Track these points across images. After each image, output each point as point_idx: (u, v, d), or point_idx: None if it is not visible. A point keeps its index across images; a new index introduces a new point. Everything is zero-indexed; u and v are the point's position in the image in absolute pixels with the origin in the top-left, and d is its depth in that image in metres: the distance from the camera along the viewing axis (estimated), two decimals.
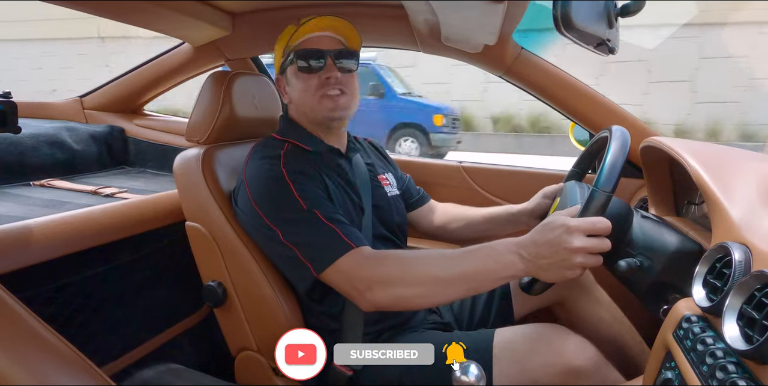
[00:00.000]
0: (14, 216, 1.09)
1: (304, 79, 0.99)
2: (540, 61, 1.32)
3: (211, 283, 1.05)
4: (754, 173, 0.77)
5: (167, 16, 1.28)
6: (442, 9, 0.95)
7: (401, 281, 0.83)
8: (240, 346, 1.07)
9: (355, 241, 0.86)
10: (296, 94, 1.02)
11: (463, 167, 1.58)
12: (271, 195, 0.89)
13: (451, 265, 0.81)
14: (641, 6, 0.78)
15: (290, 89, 1.04)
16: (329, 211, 0.89)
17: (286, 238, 0.88)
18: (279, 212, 0.89)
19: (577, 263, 0.73)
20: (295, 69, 1.00)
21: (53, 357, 0.53)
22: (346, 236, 0.86)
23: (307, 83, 0.99)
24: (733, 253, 0.59)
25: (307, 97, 1.00)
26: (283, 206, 0.88)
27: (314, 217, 0.86)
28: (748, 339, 0.51)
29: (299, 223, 0.87)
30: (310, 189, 0.89)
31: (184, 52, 1.64)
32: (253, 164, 0.94)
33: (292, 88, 1.03)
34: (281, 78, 1.06)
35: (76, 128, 1.73)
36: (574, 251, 0.72)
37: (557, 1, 0.71)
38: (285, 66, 1.03)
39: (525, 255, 0.76)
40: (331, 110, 0.99)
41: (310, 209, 0.87)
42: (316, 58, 0.98)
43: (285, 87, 1.06)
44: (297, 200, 0.87)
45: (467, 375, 0.70)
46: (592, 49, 0.85)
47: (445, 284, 0.81)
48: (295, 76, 1.00)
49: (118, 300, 1.16)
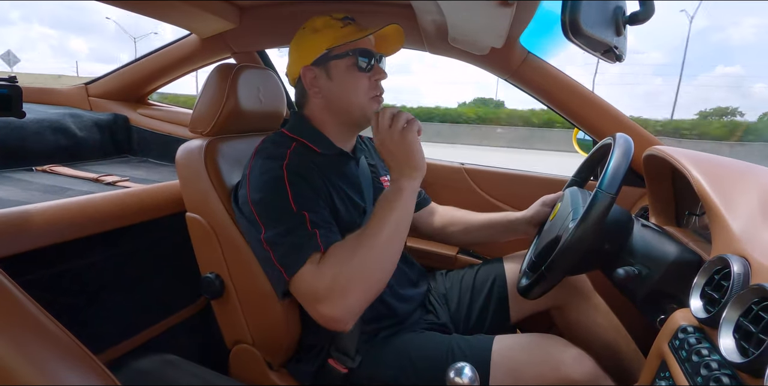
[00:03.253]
0: (15, 201, 1.10)
1: (357, 78, 0.97)
2: (546, 65, 1.32)
3: (209, 275, 1.05)
4: (757, 187, 0.77)
5: (175, 6, 1.28)
6: (450, 10, 0.95)
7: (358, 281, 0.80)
8: (235, 339, 1.08)
9: (325, 244, 0.83)
10: (341, 90, 0.97)
11: (465, 168, 1.58)
12: (266, 193, 0.88)
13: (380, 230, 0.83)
14: (650, 14, 0.78)
15: (331, 84, 0.97)
16: (318, 217, 0.86)
17: (266, 236, 0.85)
18: (269, 210, 0.87)
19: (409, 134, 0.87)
20: (350, 65, 0.96)
21: (49, 342, 0.54)
22: (322, 239, 0.83)
23: (360, 82, 0.97)
24: (732, 265, 0.59)
25: (359, 95, 0.97)
26: (275, 205, 0.86)
27: (301, 219, 0.84)
28: (743, 352, 0.51)
29: (283, 224, 0.85)
30: (305, 193, 0.87)
31: (190, 44, 1.64)
32: (257, 161, 0.93)
33: (338, 83, 0.97)
34: (313, 69, 0.98)
35: (81, 115, 1.74)
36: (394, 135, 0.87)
37: (566, 7, 0.71)
38: (328, 59, 0.96)
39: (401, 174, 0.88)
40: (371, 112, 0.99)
41: (300, 212, 0.84)
42: (373, 60, 0.98)
43: (319, 80, 0.98)
44: (289, 201, 0.85)
45: (461, 377, 0.70)
46: (599, 55, 0.85)
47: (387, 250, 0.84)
48: (348, 72, 0.96)
49: (115, 288, 1.16)
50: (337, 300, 0.79)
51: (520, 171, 1.58)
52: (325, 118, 1.01)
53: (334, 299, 0.79)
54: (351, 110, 0.98)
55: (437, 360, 0.92)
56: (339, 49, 0.95)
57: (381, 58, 1.01)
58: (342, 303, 0.79)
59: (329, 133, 1.02)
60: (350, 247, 0.82)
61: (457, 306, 1.17)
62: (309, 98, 1.01)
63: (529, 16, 1.02)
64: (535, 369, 0.86)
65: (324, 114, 1.01)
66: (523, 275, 1.01)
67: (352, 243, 0.83)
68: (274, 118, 1.25)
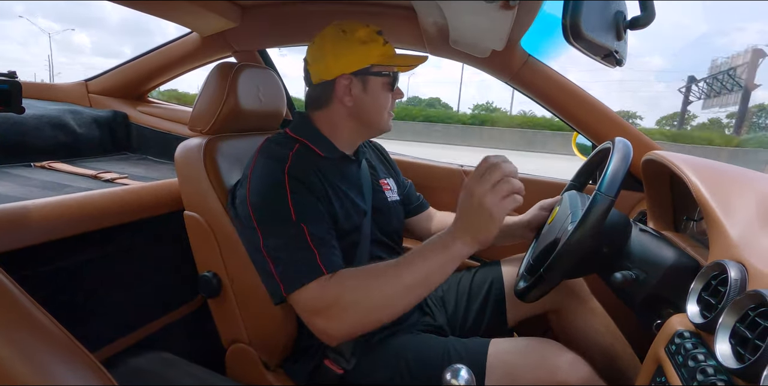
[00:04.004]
0: (13, 196, 1.09)
1: (387, 96, 1.01)
2: (547, 69, 1.32)
3: (207, 273, 1.05)
4: (755, 193, 0.77)
5: (177, 5, 1.28)
6: (451, 13, 0.96)
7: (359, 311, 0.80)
8: (232, 338, 1.08)
9: (328, 267, 0.82)
10: (373, 104, 0.99)
11: (464, 170, 1.58)
12: (266, 197, 0.87)
13: (400, 278, 0.80)
14: (650, 19, 0.78)
15: (365, 97, 0.98)
16: (317, 229, 0.86)
17: (265, 248, 0.85)
18: (267, 216, 0.86)
19: (492, 201, 0.75)
20: (386, 84, 0.99)
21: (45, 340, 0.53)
22: (322, 259, 0.83)
23: (386, 100, 1.01)
24: (730, 271, 0.59)
25: (382, 112, 1.01)
26: (273, 212, 0.86)
27: (300, 232, 0.83)
28: (739, 358, 0.51)
29: (282, 235, 0.84)
30: (305, 201, 0.87)
31: (191, 42, 1.64)
32: (260, 161, 0.93)
33: (371, 97, 0.99)
34: (351, 79, 0.97)
35: (80, 112, 1.73)
36: (482, 196, 0.75)
37: (567, 11, 0.71)
38: (370, 73, 0.97)
39: (460, 235, 0.79)
40: (389, 127, 1.04)
41: (298, 223, 0.84)
42: (398, 80, 1.02)
43: (353, 90, 0.98)
44: (289, 209, 0.84)
45: (457, 379, 0.70)
46: (599, 59, 0.85)
47: (403, 297, 0.80)
48: (383, 89, 0.99)
49: (112, 285, 1.16)
50: (334, 318, 0.80)
51: (520, 174, 1.58)
52: (343, 123, 1.01)
53: (331, 317, 0.80)
54: (374, 122, 1.01)
55: (433, 362, 0.92)
56: (381, 67, 0.98)
57: None
58: (337, 323, 0.80)
59: (338, 137, 1.02)
60: (367, 277, 0.82)
61: (454, 308, 1.17)
62: (333, 103, 1.00)
63: (530, 20, 1.02)
64: (530, 374, 0.85)
65: (343, 120, 1.01)
66: (520, 278, 1.01)
67: (371, 273, 0.82)
68: (274, 117, 1.25)
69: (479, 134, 19.10)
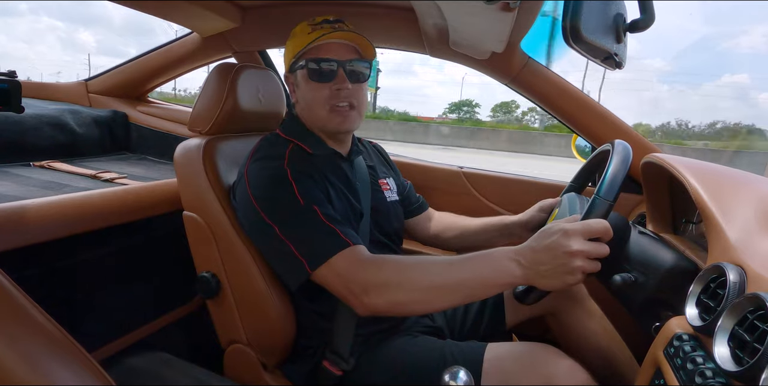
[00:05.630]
0: (12, 196, 1.09)
1: (313, 88, 0.96)
2: (546, 71, 1.32)
3: (205, 274, 1.05)
4: (754, 196, 0.77)
5: (177, 5, 1.28)
6: (451, 14, 0.96)
7: (399, 287, 0.81)
8: (230, 339, 1.07)
9: (352, 239, 0.84)
10: (305, 100, 1.00)
11: (463, 172, 1.58)
12: (272, 192, 0.88)
13: (449, 272, 0.79)
14: (650, 22, 0.78)
15: (299, 92, 1.01)
16: (328, 210, 0.87)
17: (283, 233, 0.86)
18: (277, 209, 0.88)
19: (576, 267, 0.71)
20: (305, 75, 0.96)
21: (43, 339, 0.53)
22: (344, 234, 0.84)
23: (317, 93, 0.96)
24: (728, 274, 0.59)
25: (317, 107, 0.97)
26: (283, 204, 0.87)
27: (313, 214, 0.85)
28: (738, 361, 0.51)
29: (297, 219, 0.86)
30: (311, 189, 0.88)
31: (191, 42, 1.64)
32: (255, 162, 0.93)
33: (301, 92, 1.00)
34: (290, 77, 1.02)
35: (80, 111, 1.73)
36: (572, 255, 0.71)
37: (566, 13, 0.71)
38: (295, 68, 0.99)
39: (523, 262, 0.75)
40: (339, 124, 0.98)
41: (308, 207, 0.85)
42: (329, 68, 0.95)
43: (295, 87, 1.02)
44: (297, 198, 0.86)
45: (456, 381, 0.70)
46: (599, 62, 0.85)
47: (443, 291, 0.80)
48: (306, 82, 0.97)
49: (111, 285, 1.16)
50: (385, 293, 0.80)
51: (519, 176, 1.58)
52: (308, 121, 1.03)
53: (381, 291, 0.80)
54: (314, 119, 1.01)
55: (429, 365, 0.91)
56: (301, 57, 0.97)
57: (352, 64, 0.97)
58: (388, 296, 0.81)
59: (318, 134, 1.03)
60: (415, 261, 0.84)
61: (453, 310, 1.17)
62: (294, 102, 1.06)
63: (530, 22, 1.02)
64: (527, 381, 0.83)
65: (306, 117, 1.03)
66: None
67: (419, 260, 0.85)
68: (274, 118, 1.25)
69: None
